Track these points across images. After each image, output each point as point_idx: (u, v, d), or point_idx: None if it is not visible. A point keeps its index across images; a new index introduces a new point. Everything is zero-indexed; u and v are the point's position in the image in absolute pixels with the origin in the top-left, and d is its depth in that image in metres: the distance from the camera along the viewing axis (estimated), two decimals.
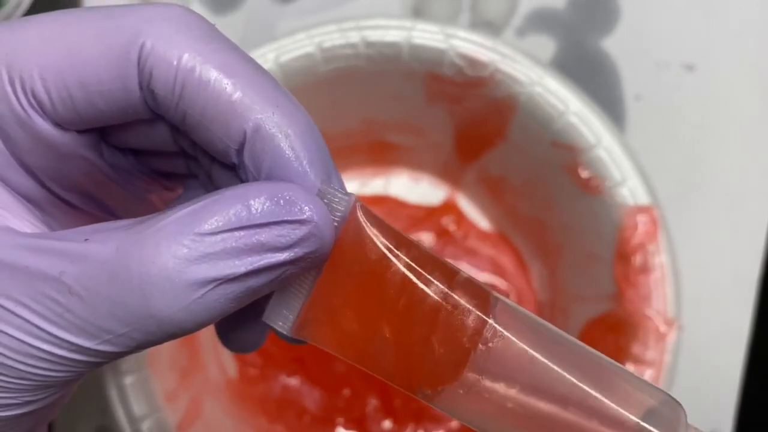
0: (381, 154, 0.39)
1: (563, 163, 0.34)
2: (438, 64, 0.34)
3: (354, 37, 0.34)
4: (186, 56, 0.18)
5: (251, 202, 0.17)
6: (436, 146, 0.39)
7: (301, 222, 0.18)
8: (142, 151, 0.22)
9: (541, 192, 0.37)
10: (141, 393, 0.31)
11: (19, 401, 0.18)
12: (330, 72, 0.34)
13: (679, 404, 0.18)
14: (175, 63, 0.18)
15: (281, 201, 0.18)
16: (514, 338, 0.19)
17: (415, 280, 0.19)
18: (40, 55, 0.19)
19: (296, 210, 0.18)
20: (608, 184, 0.33)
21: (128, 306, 0.17)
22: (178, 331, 0.18)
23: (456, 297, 0.19)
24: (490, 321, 0.19)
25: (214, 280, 0.17)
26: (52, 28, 0.19)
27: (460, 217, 0.40)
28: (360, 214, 0.19)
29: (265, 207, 0.17)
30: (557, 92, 0.34)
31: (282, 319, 0.20)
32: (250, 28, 0.41)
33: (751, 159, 0.40)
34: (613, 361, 0.19)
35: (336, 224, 0.19)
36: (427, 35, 0.34)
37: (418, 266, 0.19)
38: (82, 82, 0.19)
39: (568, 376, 0.19)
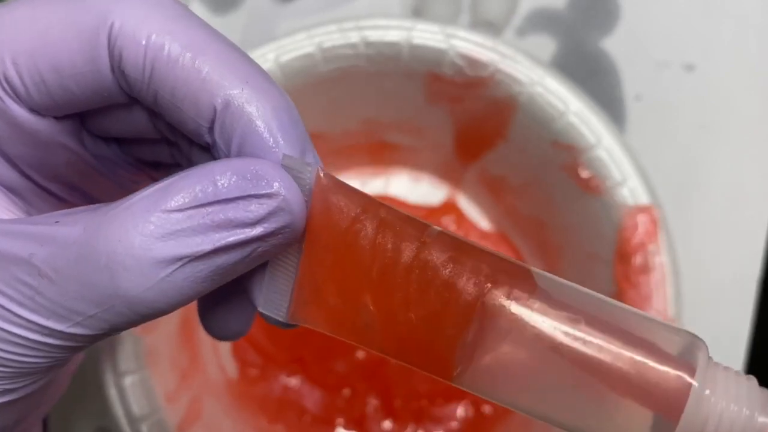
0: (381, 154, 0.39)
1: (563, 163, 0.34)
2: (438, 64, 0.34)
3: (354, 37, 0.34)
4: (154, 36, 0.18)
5: (217, 177, 0.17)
6: (436, 146, 0.39)
7: (268, 196, 0.17)
8: (125, 140, 0.22)
9: (541, 192, 0.37)
10: (141, 393, 0.31)
11: None
12: (330, 72, 0.34)
13: (703, 343, 0.18)
14: (143, 42, 0.18)
15: (248, 175, 0.17)
16: (511, 308, 0.18)
17: (384, 242, 0.18)
18: (11, 40, 0.19)
19: (263, 184, 0.17)
20: (608, 184, 0.33)
21: (96, 286, 0.17)
22: (149, 311, 0.17)
23: (426, 254, 0.18)
24: (466, 270, 0.18)
25: (182, 257, 0.17)
26: (23, 12, 0.19)
27: (460, 217, 0.40)
28: (325, 182, 0.19)
29: (231, 182, 0.17)
30: (557, 92, 0.34)
31: (277, 306, 0.19)
32: (250, 28, 0.41)
33: (751, 159, 0.40)
34: (628, 307, 0.19)
35: (306, 197, 0.18)
36: (427, 35, 0.34)
37: (388, 228, 0.19)
38: (54, 65, 0.19)
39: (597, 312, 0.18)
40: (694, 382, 0.17)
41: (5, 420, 0.19)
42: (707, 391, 0.17)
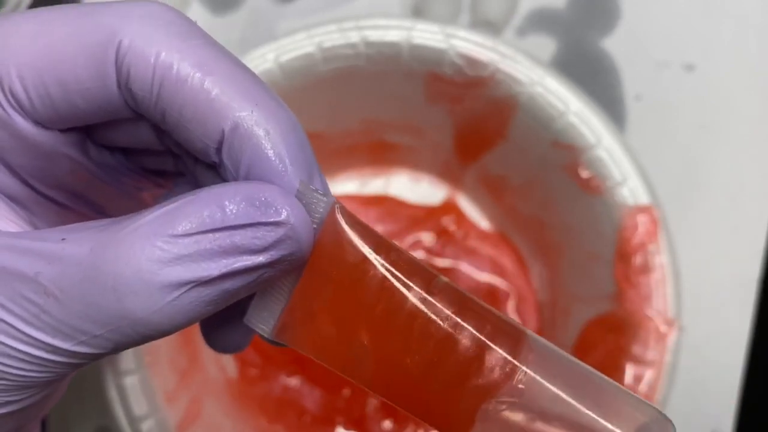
0: (381, 154, 0.39)
1: (563, 163, 0.34)
2: (438, 64, 0.34)
3: (354, 37, 0.34)
4: (164, 54, 0.18)
5: (226, 203, 0.17)
6: (436, 146, 0.39)
7: (277, 224, 0.17)
8: (131, 150, 0.22)
9: (541, 192, 0.37)
10: (141, 393, 0.31)
11: None
12: (330, 72, 0.34)
13: (670, 421, 0.18)
14: (152, 61, 0.18)
15: (257, 202, 0.17)
16: (496, 347, 0.19)
17: (392, 285, 0.19)
18: (18, 54, 0.19)
19: (272, 212, 0.17)
20: (608, 184, 0.33)
21: (102, 308, 0.17)
22: (155, 333, 0.17)
23: (430, 303, 0.19)
24: (468, 327, 0.19)
25: (189, 282, 0.17)
26: (31, 27, 0.19)
27: (460, 217, 0.40)
28: (339, 216, 0.19)
29: (240, 208, 0.17)
30: (557, 92, 0.34)
31: (263, 323, 0.19)
32: (250, 28, 0.41)
33: (751, 159, 0.40)
34: (602, 375, 0.19)
35: (315, 226, 0.18)
36: (427, 35, 0.34)
37: (397, 271, 0.19)
38: (60, 80, 0.19)
39: (562, 394, 0.18)
40: None
41: (4, 428, 0.19)
42: None
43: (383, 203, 0.40)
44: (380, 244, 0.19)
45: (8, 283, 0.17)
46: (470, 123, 0.37)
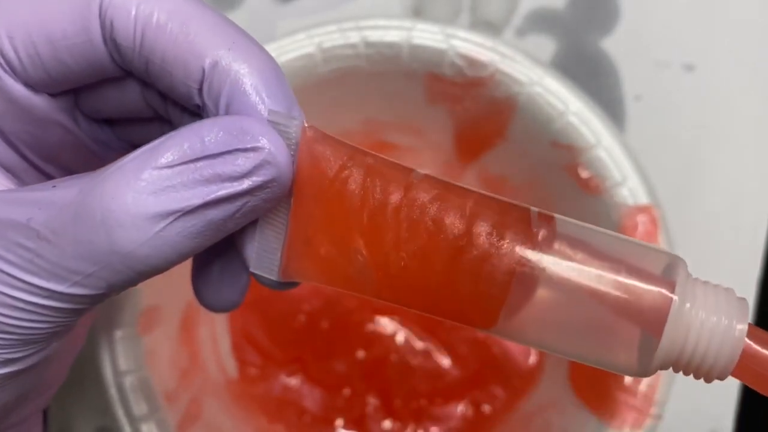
0: (381, 153, 0.39)
1: (563, 163, 0.34)
2: (438, 64, 0.34)
3: (354, 37, 0.34)
4: (143, 4, 0.19)
5: (204, 134, 0.18)
6: (436, 146, 0.39)
7: (254, 149, 0.18)
8: (117, 122, 0.23)
9: (541, 192, 0.37)
10: (141, 393, 0.31)
11: (0, 359, 0.18)
12: (330, 72, 0.34)
13: (681, 259, 0.19)
14: (133, 12, 0.19)
15: (234, 131, 0.18)
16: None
17: (373, 185, 0.19)
18: (6, 14, 0.19)
19: (248, 138, 0.18)
20: (608, 184, 0.33)
21: (93, 244, 0.17)
22: (145, 268, 0.18)
23: (414, 193, 0.19)
24: (451, 209, 0.19)
25: (174, 212, 0.18)
26: None
27: None
28: (310, 134, 0.19)
29: (218, 138, 0.18)
30: (557, 92, 0.34)
31: (268, 265, 0.20)
32: (250, 28, 0.41)
33: (751, 159, 0.40)
34: (628, 237, 0.20)
35: (291, 152, 0.19)
36: (427, 35, 0.34)
37: (375, 173, 0.19)
38: (48, 37, 0.19)
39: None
40: (675, 297, 0.18)
41: (7, 395, 0.20)
42: (687, 305, 0.18)
43: None
44: (354, 151, 0.19)
45: (1, 232, 0.18)
46: (470, 123, 0.37)
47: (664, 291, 0.18)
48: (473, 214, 0.19)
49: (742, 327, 0.18)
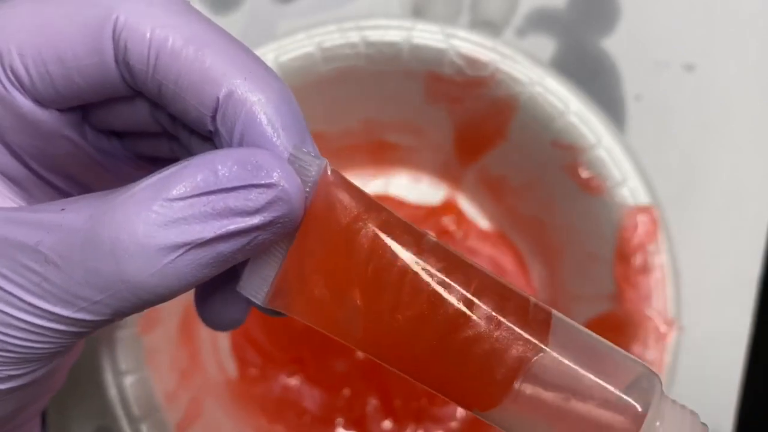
0: (381, 154, 0.39)
1: (563, 163, 0.34)
2: (438, 64, 0.34)
3: (354, 37, 0.34)
4: (158, 29, 0.19)
5: (219, 167, 0.18)
6: (436, 146, 0.39)
7: (268, 186, 0.18)
8: (125, 134, 0.22)
9: (541, 192, 0.37)
10: (141, 393, 0.31)
11: (1, 375, 0.18)
12: (330, 72, 0.34)
13: (656, 375, 0.20)
14: (148, 35, 0.19)
15: (248, 165, 0.18)
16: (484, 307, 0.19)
17: (384, 243, 0.19)
18: (17, 32, 0.19)
19: (263, 174, 0.18)
20: (608, 184, 0.33)
21: (101, 272, 0.17)
22: (152, 297, 0.18)
23: (420, 260, 0.19)
24: (455, 283, 0.19)
25: (184, 244, 0.17)
26: (29, 7, 0.19)
27: (460, 217, 0.40)
28: (331, 178, 0.19)
29: (232, 171, 0.18)
30: (557, 92, 0.34)
31: (256, 289, 0.20)
32: (250, 28, 0.41)
33: (751, 159, 0.40)
34: (594, 334, 0.20)
35: (307, 189, 0.19)
36: (427, 35, 0.34)
37: (388, 230, 0.19)
38: (59, 57, 0.19)
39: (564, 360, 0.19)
40: (647, 415, 0.19)
41: (5, 408, 0.20)
42: (657, 423, 0.19)
43: (383, 203, 0.40)
44: (371, 205, 0.19)
45: (9, 254, 0.18)
46: (470, 123, 0.37)
47: (638, 407, 0.19)
48: (477, 293, 0.19)
49: None
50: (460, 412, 0.37)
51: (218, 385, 0.36)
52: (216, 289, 0.23)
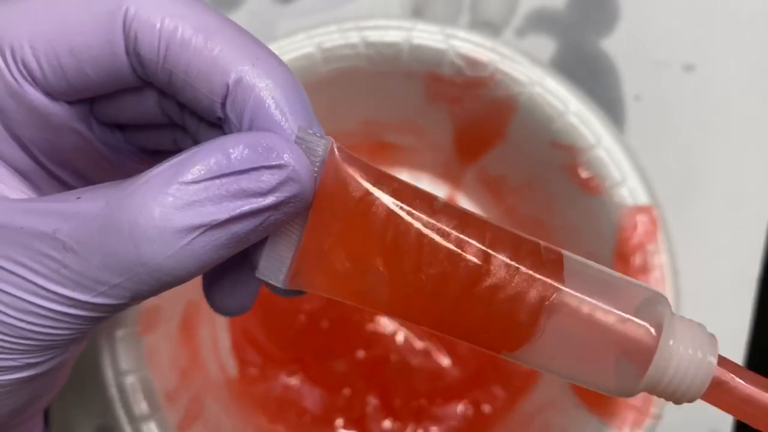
0: (381, 154, 0.39)
1: (563, 163, 0.34)
2: (438, 65, 0.34)
3: (354, 37, 0.34)
4: (168, 19, 0.19)
5: (230, 150, 0.18)
6: (436, 146, 0.39)
7: (279, 167, 0.18)
8: (129, 127, 0.23)
9: (541, 192, 0.37)
10: (141, 393, 0.31)
11: (21, 363, 0.19)
12: (330, 72, 0.34)
13: (664, 296, 0.21)
14: (158, 26, 0.19)
15: (259, 148, 0.18)
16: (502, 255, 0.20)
17: (398, 211, 0.20)
18: (29, 25, 0.20)
19: (274, 155, 0.18)
20: (608, 184, 0.33)
21: (120, 256, 0.18)
22: (170, 279, 0.18)
23: (435, 221, 0.20)
24: (471, 240, 0.20)
25: (200, 226, 0.18)
26: (40, 1, 0.20)
27: None
28: (337, 155, 0.20)
29: (244, 155, 0.18)
30: (557, 92, 0.34)
31: (275, 272, 0.20)
32: (250, 28, 0.41)
33: (751, 159, 0.40)
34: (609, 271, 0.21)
35: (315, 168, 0.20)
36: (427, 35, 0.34)
37: (401, 197, 0.20)
38: (71, 49, 0.20)
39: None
40: (662, 334, 0.20)
41: (20, 399, 0.20)
42: (671, 341, 0.20)
43: None
44: (380, 176, 0.20)
45: (27, 242, 0.18)
46: (470, 123, 0.37)
47: (651, 329, 0.20)
48: (491, 245, 0.20)
49: (712, 359, 0.20)
50: (460, 411, 0.37)
51: (219, 384, 0.36)
52: (224, 274, 0.23)
